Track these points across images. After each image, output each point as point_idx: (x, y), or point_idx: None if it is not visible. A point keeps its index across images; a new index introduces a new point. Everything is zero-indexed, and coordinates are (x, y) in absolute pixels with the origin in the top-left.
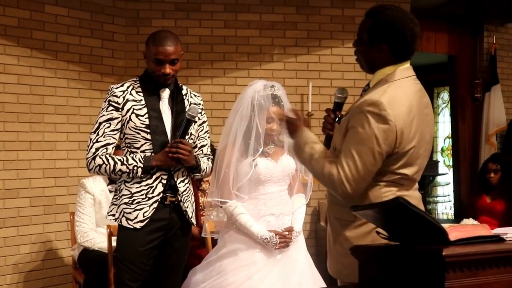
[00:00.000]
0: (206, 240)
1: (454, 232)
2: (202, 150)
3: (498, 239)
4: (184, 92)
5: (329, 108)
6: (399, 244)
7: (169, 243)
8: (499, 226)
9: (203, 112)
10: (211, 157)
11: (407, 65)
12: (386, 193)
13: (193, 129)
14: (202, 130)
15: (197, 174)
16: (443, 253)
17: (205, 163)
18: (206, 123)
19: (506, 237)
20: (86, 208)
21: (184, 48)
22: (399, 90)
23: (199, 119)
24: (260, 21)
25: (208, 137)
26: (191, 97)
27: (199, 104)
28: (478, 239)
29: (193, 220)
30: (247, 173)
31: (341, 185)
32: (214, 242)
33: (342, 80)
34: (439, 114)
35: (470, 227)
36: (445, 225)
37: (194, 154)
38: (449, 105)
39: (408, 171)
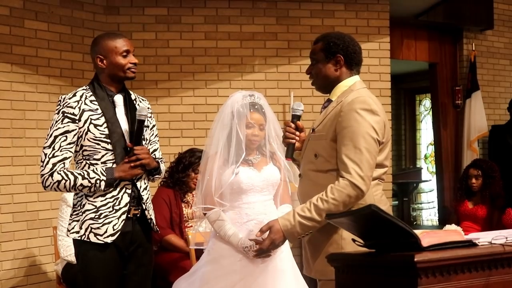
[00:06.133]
0: (190, 252)
1: (427, 238)
2: (154, 154)
3: (470, 244)
4: (133, 97)
5: (287, 120)
6: (374, 251)
7: (134, 256)
8: (481, 231)
9: (152, 116)
10: (163, 159)
11: (359, 79)
12: (376, 191)
13: (146, 134)
14: (152, 134)
15: (157, 176)
16: (415, 259)
17: (161, 165)
18: (156, 127)
19: (478, 242)
20: None
21: (165, 60)
22: (370, 94)
23: (149, 123)
24: (241, 32)
25: (158, 141)
26: (140, 101)
27: (148, 108)
28: (450, 244)
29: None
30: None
31: (354, 185)
32: (198, 254)
33: None
34: (421, 121)
35: (443, 233)
36: (417, 231)
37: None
38: (431, 112)
39: (387, 162)
